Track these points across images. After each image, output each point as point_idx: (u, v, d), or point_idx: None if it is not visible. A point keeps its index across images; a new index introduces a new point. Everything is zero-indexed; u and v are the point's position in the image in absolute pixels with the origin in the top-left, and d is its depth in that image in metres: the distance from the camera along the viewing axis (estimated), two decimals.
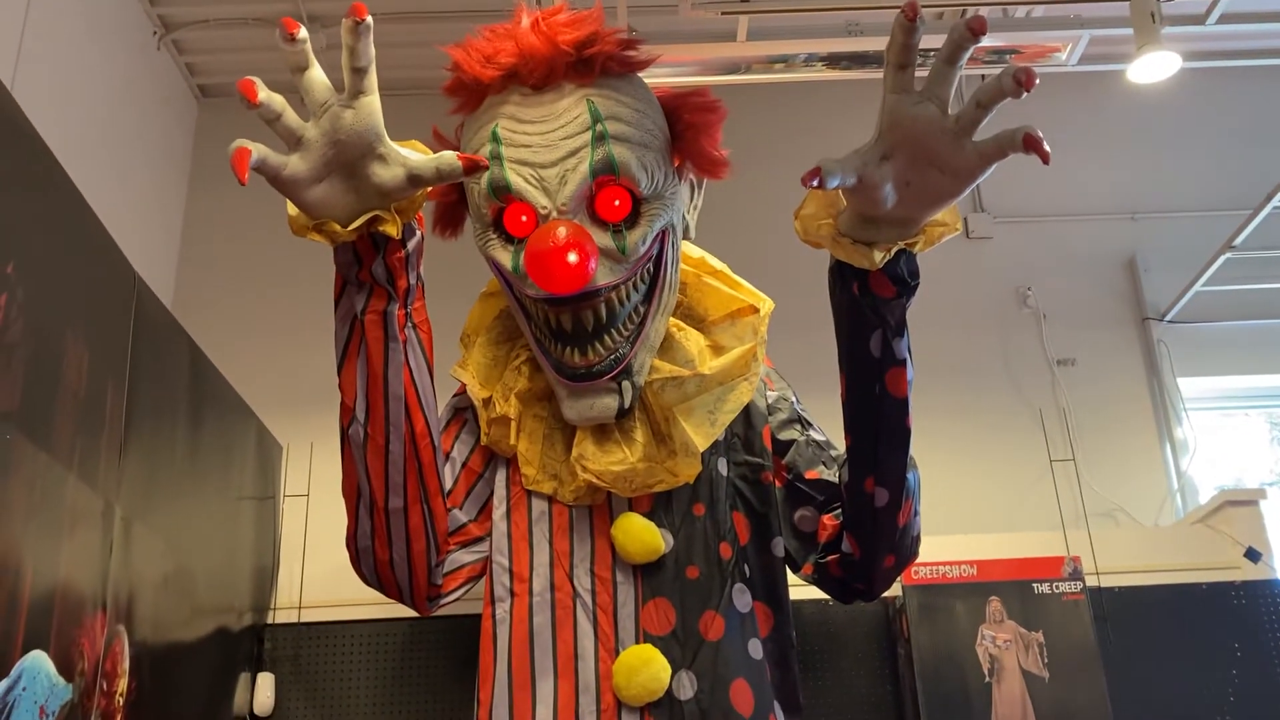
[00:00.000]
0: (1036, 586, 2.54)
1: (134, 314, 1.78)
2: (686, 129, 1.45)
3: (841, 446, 1.43)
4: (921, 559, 1.58)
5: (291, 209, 1.18)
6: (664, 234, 1.43)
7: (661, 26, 3.10)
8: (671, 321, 1.48)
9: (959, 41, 1.05)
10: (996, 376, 3.36)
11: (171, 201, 3.44)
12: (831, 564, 1.47)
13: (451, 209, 1.54)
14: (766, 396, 1.55)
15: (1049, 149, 1.02)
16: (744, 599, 1.43)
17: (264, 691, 2.52)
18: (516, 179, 1.36)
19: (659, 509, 1.43)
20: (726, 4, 2.76)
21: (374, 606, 2.28)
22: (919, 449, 1.37)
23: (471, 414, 1.54)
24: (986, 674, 2.47)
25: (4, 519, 1.31)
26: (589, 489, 1.42)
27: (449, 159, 1.14)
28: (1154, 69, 2.85)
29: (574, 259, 1.29)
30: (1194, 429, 3.32)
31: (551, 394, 1.47)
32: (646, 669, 1.32)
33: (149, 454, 1.83)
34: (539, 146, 1.37)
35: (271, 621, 2.65)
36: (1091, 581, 2.59)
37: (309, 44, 1.09)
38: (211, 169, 3.49)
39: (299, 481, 2.82)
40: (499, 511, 1.47)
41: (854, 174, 1.11)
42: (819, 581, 1.51)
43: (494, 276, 1.52)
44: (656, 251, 1.42)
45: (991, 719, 2.43)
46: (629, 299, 1.41)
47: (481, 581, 1.47)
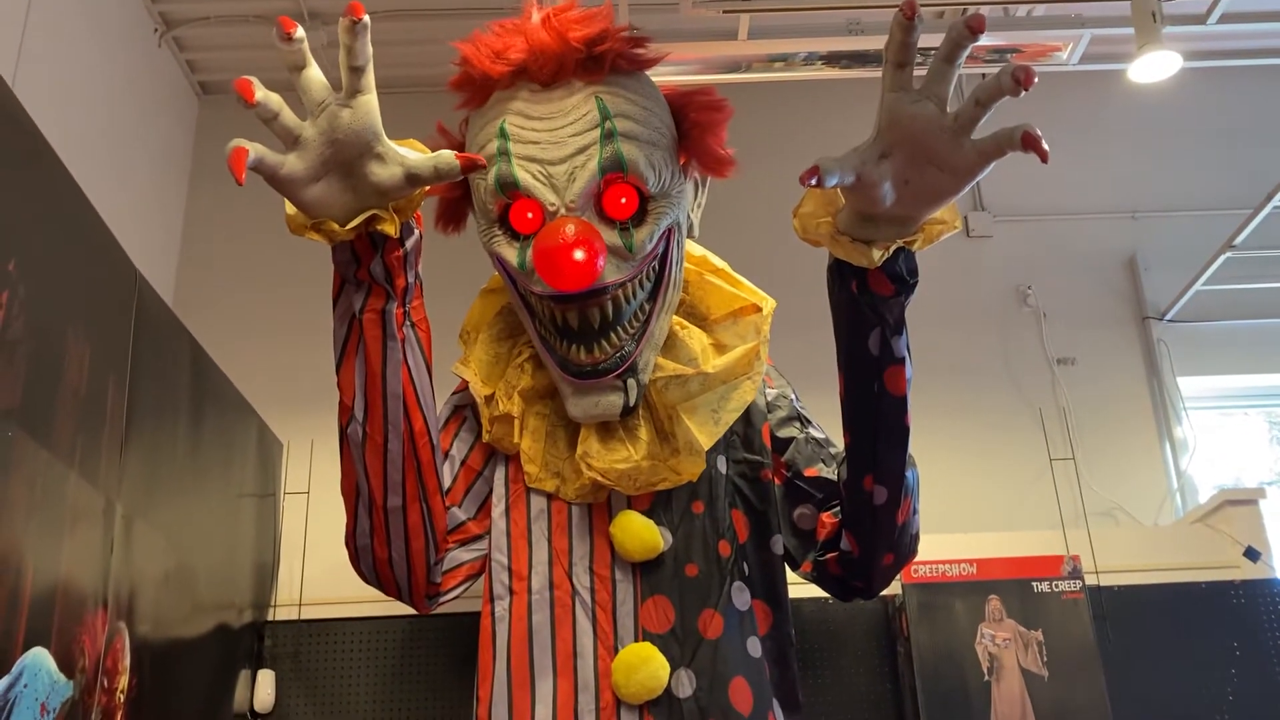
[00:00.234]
0: (1036, 585, 2.54)
1: (135, 311, 1.78)
2: (693, 127, 1.45)
3: (841, 444, 1.43)
4: (921, 557, 1.58)
5: (289, 208, 1.18)
6: (669, 232, 1.43)
7: (662, 25, 3.08)
8: (674, 319, 1.48)
9: (957, 40, 1.05)
10: (996, 375, 3.36)
11: (172, 199, 3.44)
12: (830, 562, 1.47)
13: (454, 205, 1.53)
14: (766, 394, 1.55)
15: (1047, 147, 1.02)
16: (743, 597, 1.43)
17: (264, 688, 2.52)
18: (524, 175, 1.36)
19: (658, 507, 1.43)
20: (727, 2, 2.75)
21: (374, 604, 2.28)
22: (918, 447, 1.37)
23: (471, 411, 1.54)
24: (986, 672, 2.47)
25: (5, 516, 1.31)
26: (593, 487, 1.42)
27: (447, 158, 1.14)
28: (1155, 68, 2.85)
29: (582, 256, 1.29)
30: (1194, 428, 3.32)
31: (554, 391, 1.46)
32: (645, 667, 1.32)
33: (150, 451, 1.83)
34: (547, 143, 1.36)
35: (272, 619, 2.65)
36: (1091, 580, 2.59)
37: (306, 43, 1.09)
38: (212, 166, 3.48)
39: (299, 479, 2.82)
40: (498, 509, 1.47)
41: (852, 172, 1.11)
42: (818, 579, 1.51)
43: (496, 273, 1.52)
44: (662, 250, 1.42)
45: (991, 717, 2.43)
46: (635, 297, 1.41)
47: (480, 579, 1.47)
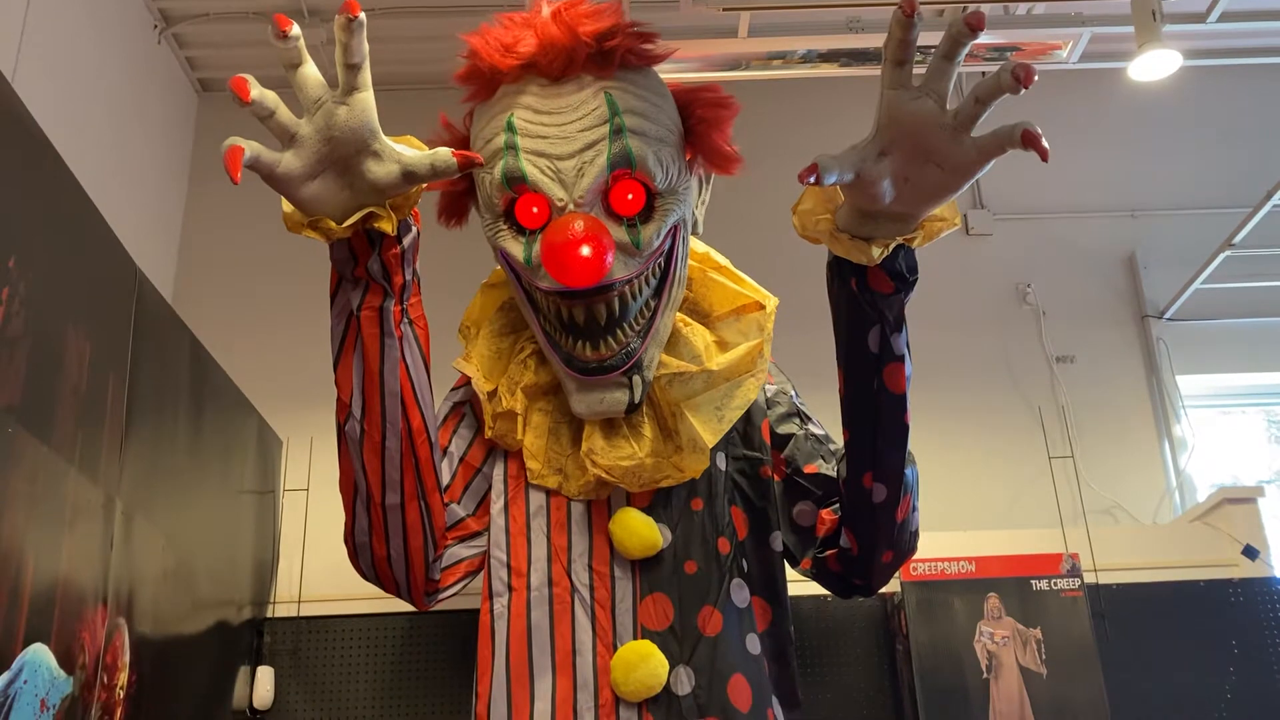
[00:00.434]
0: (1035, 583, 2.55)
1: (135, 308, 1.78)
2: (699, 124, 1.44)
3: (840, 441, 1.43)
4: (920, 555, 1.58)
5: (286, 206, 1.17)
6: (675, 229, 1.42)
7: (663, 22, 3.07)
8: (678, 316, 1.48)
9: (957, 37, 1.05)
10: (996, 373, 3.36)
11: (172, 196, 3.44)
12: (830, 559, 1.46)
13: (458, 198, 1.52)
14: (765, 390, 1.55)
15: (1047, 145, 1.02)
16: (742, 594, 1.42)
17: (263, 685, 2.53)
18: (532, 170, 1.35)
19: (657, 504, 1.42)
20: (728, 0, 2.75)
21: (373, 601, 2.28)
22: (916, 445, 1.37)
23: (470, 408, 1.53)
24: (984, 670, 2.47)
25: (6, 512, 1.31)
26: (596, 484, 1.41)
27: (444, 156, 1.14)
28: (1155, 67, 2.85)
29: (591, 252, 1.28)
30: (1192, 426, 3.32)
31: (556, 387, 1.46)
32: (644, 665, 1.32)
33: (150, 448, 1.84)
34: (556, 138, 1.36)
35: (271, 615, 2.66)
36: (1090, 578, 2.59)
37: (302, 40, 1.08)
38: (212, 164, 3.48)
39: (299, 476, 2.82)
40: (497, 506, 1.47)
41: (851, 170, 1.11)
42: (817, 576, 1.51)
43: (498, 268, 1.51)
44: (668, 246, 1.41)
45: (989, 715, 2.43)
46: (640, 293, 1.40)
47: (479, 576, 1.47)
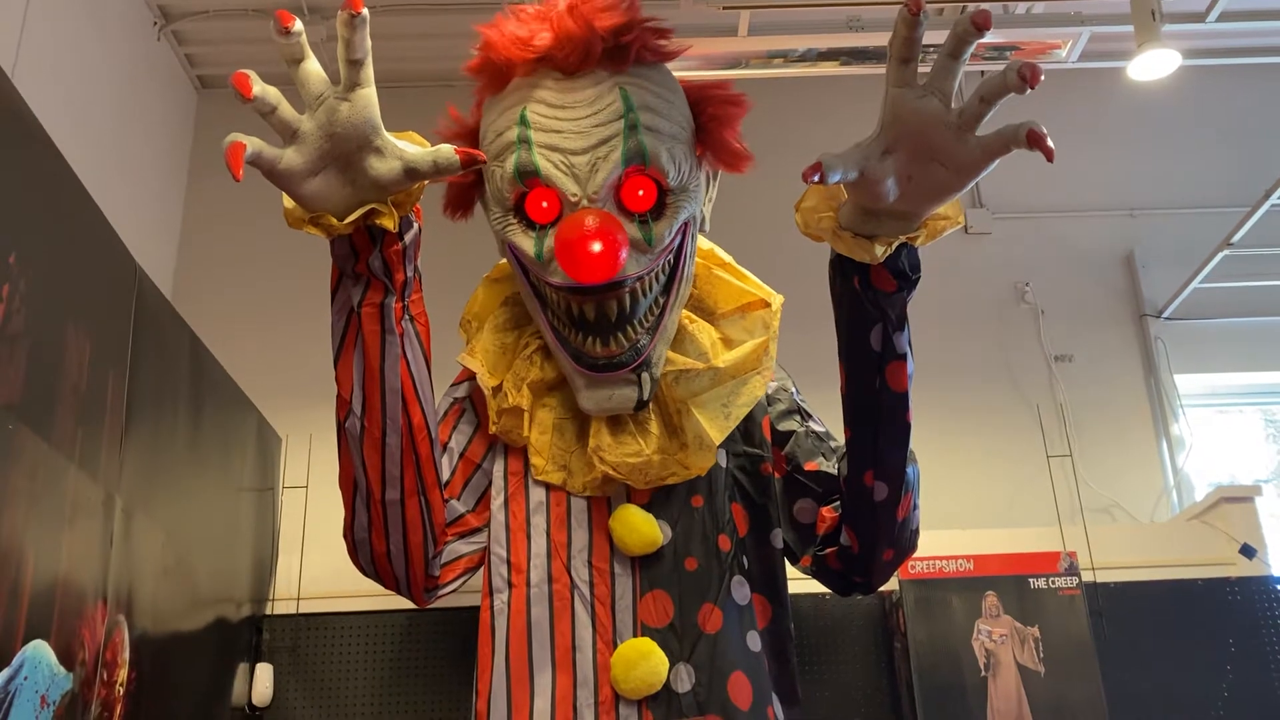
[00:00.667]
0: (1033, 581, 2.54)
1: (135, 305, 1.77)
2: (710, 121, 1.44)
3: (841, 438, 1.43)
4: (918, 553, 1.58)
5: (287, 202, 1.17)
6: (685, 226, 1.42)
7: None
8: (683, 313, 1.48)
9: (963, 35, 1.05)
10: (994, 372, 3.37)
11: (171, 193, 3.44)
12: (830, 556, 1.47)
13: (464, 190, 1.52)
14: (766, 387, 1.55)
15: (1052, 145, 1.02)
16: (742, 591, 1.43)
17: (262, 682, 2.52)
18: (546, 164, 1.35)
19: (657, 501, 1.42)
20: None
21: (372, 598, 2.28)
22: (914, 443, 1.37)
23: (469, 403, 1.53)
24: (982, 668, 2.47)
25: (6, 509, 1.30)
26: (603, 480, 1.41)
27: (446, 153, 1.13)
28: (1154, 66, 2.86)
29: (606, 248, 1.28)
30: (1190, 425, 3.33)
31: (562, 383, 1.46)
32: (645, 662, 1.32)
33: (149, 445, 1.83)
34: (570, 133, 1.35)
35: (270, 612, 2.65)
36: (1087, 577, 2.59)
37: (304, 36, 1.08)
38: (211, 160, 3.48)
39: (298, 473, 2.81)
40: (497, 502, 1.46)
41: (855, 169, 1.11)
42: (817, 574, 1.51)
43: (500, 261, 1.51)
44: (677, 243, 1.41)
45: (987, 713, 2.43)
46: (650, 290, 1.40)
47: (478, 573, 1.47)
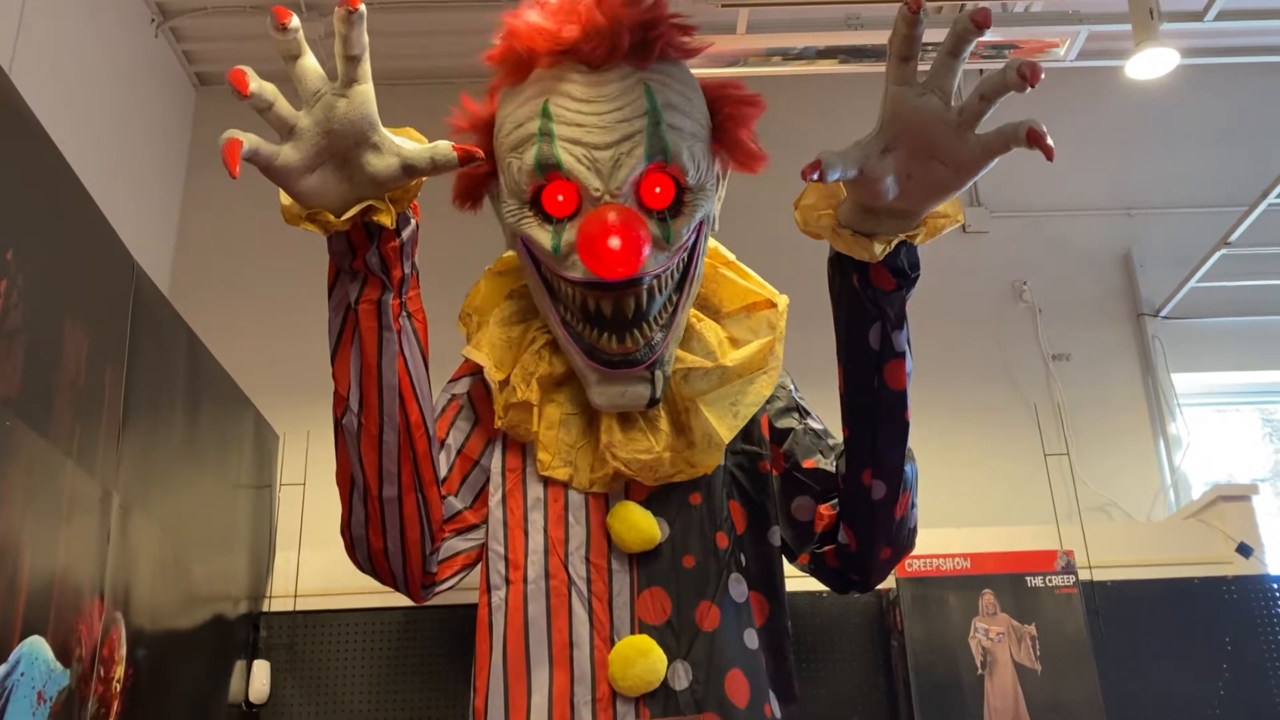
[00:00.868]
0: (1029, 580, 2.55)
1: (132, 302, 1.77)
2: (726, 120, 1.44)
3: (839, 436, 1.43)
4: (915, 551, 1.58)
5: (284, 198, 1.17)
6: (700, 224, 1.42)
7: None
8: (691, 312, 1.48)
9: (963, 33, 1.05)
10: (992, 371, 3.37)
11: (169, 190, 3.43)
12: (828, 554, 1.47)
13: (475, 182, 1.51)
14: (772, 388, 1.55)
15: (1052, 144, 1.02)
16: (740, 589, 1.43)
17: (259, 679, 2.52)
18: (568, 158, 1.34)
19: (655, 498, 1.42)
20: None
21: (369, 595, 2.28)
22: (913, 441, 1.37)
23: (468, 399, 1.52)
24: (979, 666, 2.48)
25: (3, 505, 1.30)
26: (612, 477, 1.41)
27: (444, 149, 1.13)
28: (1152, 65, 2.86)
29: (628, 244, 1.28)
30: (1187, 424, 3.33)
31: (569, 378, 1.45)
32: (643, 660, 1.32)
33: (147, 442, 1.83)
34: (594, 127, 1.35)
35: (267, 609, 2.64)
36: (1084, 575, 2.59)
37: (301, 32, 1.08)
38: (209, 157, 3.47)
39: (295, 470, 2.81)
40: (495, 498, 1.46)
41: (855, 166, 1.11)
42: (815, 571, 1.51)
43: (505, 254, 1.50)
44: (692, 242, 1.41)
45: (984, 711, 2.43)
46: (665, 288, 1.40)
47: (476, 569, 1.47)
